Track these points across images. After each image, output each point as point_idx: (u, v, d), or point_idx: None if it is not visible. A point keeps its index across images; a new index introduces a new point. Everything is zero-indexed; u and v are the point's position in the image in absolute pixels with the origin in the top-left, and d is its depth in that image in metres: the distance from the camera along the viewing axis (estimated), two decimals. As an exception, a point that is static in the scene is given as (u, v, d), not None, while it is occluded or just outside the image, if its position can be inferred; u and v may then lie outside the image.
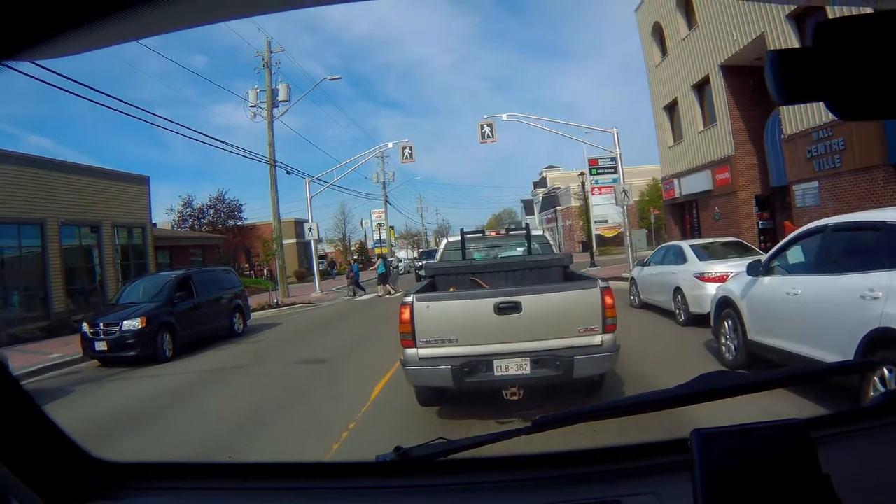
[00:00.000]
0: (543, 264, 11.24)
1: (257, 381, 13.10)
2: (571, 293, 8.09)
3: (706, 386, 1.66)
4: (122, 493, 1.89)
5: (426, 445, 1.85)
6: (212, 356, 17.36)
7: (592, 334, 7.74)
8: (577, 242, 73.23)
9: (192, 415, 10.61)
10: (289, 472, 2.09)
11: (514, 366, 7.76)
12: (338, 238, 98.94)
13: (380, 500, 1.93)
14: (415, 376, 8.10)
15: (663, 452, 1.91)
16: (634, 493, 1.74)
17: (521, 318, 7.73)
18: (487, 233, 13.94)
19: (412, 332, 7.90)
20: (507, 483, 1.91)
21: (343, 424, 8.54)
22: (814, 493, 1.26)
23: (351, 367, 13.15)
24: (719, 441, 1.35)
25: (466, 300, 8.20)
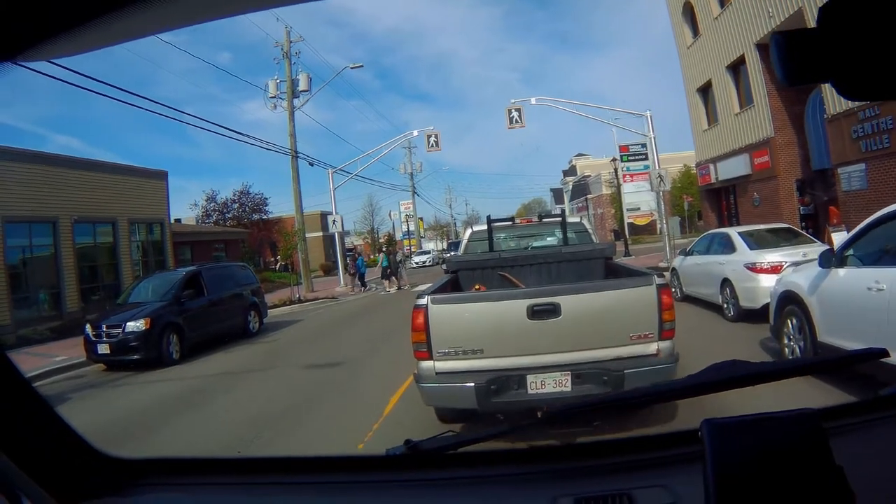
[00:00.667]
0: (583, 256, 9.91)
1: (263, 388, 12.11)
2: (621, 292, 6.68)
3: (719, 376, 1.62)
4: (131, 489, 1.88)
5: (436, 438, 1.86)
6: (220, 359, 16.41)
7: (647, 341, 6.45)
8: (609, 231, 71.36)
9: (187, 427, 9.67)
10: (299, 466, 2.07)
11: (552, 382, 6.45)
12: (366, 230, 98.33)
13: (390, 493, 1.92)
14: (431, 395, 6.85)
15: (672, 444, 1.91)
16: (644, 485, 1.72)
17: (561, 324, 6.42)
18: (518, 220, 12.33)
19: (427, 341, 6.62)
20: (517, 476, 1.91)
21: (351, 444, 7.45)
22: (827, 484, 1.22)
23: (366, 374, 12.09)
24: (731, 431, 1.30)
25: (493, 302, 6.83)
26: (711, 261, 15.24)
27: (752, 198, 29.14)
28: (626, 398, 1.86)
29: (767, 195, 27.81)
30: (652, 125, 29.79)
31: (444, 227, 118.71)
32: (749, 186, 29.52)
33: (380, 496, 1.90)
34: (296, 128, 36.47)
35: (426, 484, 1.93)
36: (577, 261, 9.86)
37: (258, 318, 21.09)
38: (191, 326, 17.06)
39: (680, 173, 64.81)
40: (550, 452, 2.03)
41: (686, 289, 17.24)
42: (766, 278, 12.34)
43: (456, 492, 1.89)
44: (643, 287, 6.58)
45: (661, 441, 1.95)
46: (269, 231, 60.94)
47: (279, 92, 36.74)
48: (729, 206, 33.43)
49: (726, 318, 14.00)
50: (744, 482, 1.23)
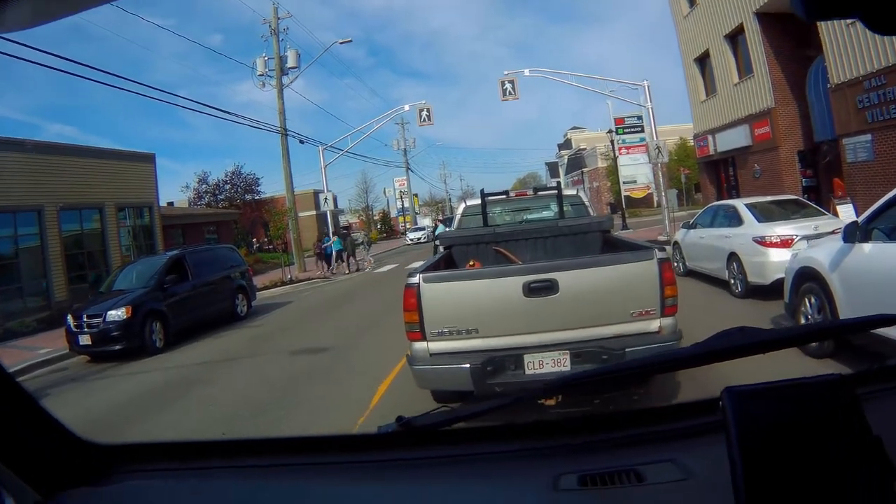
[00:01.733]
0: (580, 229, 9.51)
1: (244, 379, 11.49)
2: (621, 267, 6.36)
3: (727, 343, 1.52)
4: (116, 476, 1.80)
5: (429, 415, 1.80)
6: (206, 346, 15.82)
7: (649, 318, 6.17)
8: (605, 204, 70.67)
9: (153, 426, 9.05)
10: (288, 446, 2.01)
11: (551, 361, 6.17)
12: (361, 208, 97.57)
13: (382, 473, 1.83)
14: (424, 378, 6.52)
15: (679, 417, 1.86)
16: (651, 460, 1.64)
17: (558, 301, 6.15)
18: (512, 194, 11.76)
19: (420, 321, 6.34)
20: (517, 452, 1.83)
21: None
22: (864, 457, 1.11)
23: (353, 360, 11.53)
24: (755, 399, 1.21)
25: (488, 279, 6.49)
26: (717, 234, 14.58)
27: (752, 169, 28.48)
28: (629, 368, 1.70)
29: (768, 167, 27.14)
30: (650, 95, 28.97)
31: (439, 203, 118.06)
32: (749, 158, 28.84)
33: (371, 476, 1.82)
34: (288, 106, 35.75)
35: (420, 463, 1.85)
36: (575, 234, 9.50)
37: (246, 302, 20.40)
38: (175, 313, 16.40)
39: (676, 146, 64.12)
40: (551, 427, 1.92)
41: (690, 263, 16.62)
42: (776, 252, 11.91)
43: (452, 470, 1.81)
44: (644, 261, 6.31)
45: (668, 413, 1.90)
46: (262, 211, 60.02)
47: (267, 70, 35.94)
48: (728, 178, 32.82)
49: (733, 294, 13.40)
50: (771, 454, 1.13)
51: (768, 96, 26.61)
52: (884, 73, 19.15)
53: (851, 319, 1.91)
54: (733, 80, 29.65)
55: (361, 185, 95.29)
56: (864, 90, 20.11)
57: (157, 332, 15.64)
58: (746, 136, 28.44)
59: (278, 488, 1.81)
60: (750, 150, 28.52)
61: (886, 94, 19.26)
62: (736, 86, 29.43)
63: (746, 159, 29.12)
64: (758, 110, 27.51)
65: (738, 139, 29.22)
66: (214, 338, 16.77)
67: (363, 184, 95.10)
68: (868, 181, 20.23)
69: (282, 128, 35.06)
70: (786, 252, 11.03)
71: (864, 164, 20.59)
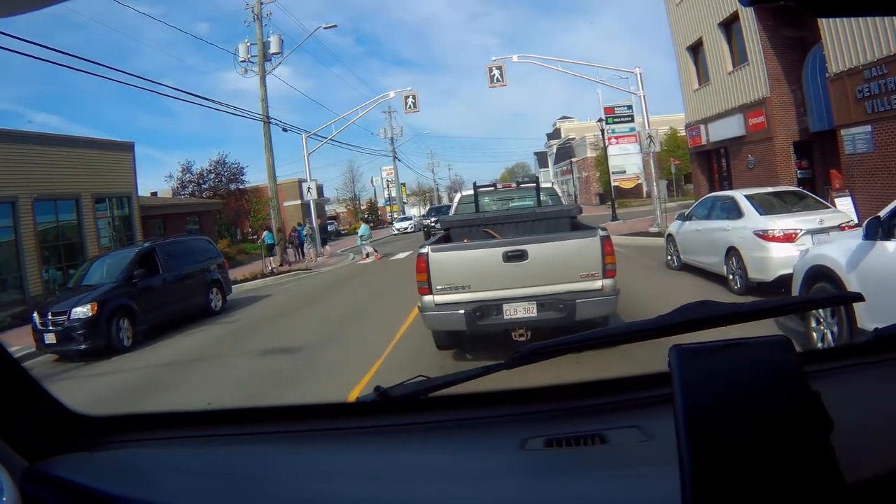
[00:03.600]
0: (552, 215, 11.54)
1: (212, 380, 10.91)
2: (574, 241, 8.64)
3: (688, 316, 1.56)
4: (103, 446, 1.85)
5: (406, 384, 1.85)
6: (175, 344, 15.05)
7: (593, 279, 8.27)
8: (594, 195, 69.65)
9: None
10: (270, 415, 2.10)
11: (522, 309, 8.32)
12: (348, 197, 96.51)
13: (360, 439, 1.92)
14: (431, 321, 8.70)
15: (644, 386, 1.91)
16: (616, 426, 1.75)
17: (528, 266, 8.27)
18: (499, 186, 14.52)
19: (428, 280, 8.45)
20: (489, 419, 1.92)
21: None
22: (804, 409, 1.15)
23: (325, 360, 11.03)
24: (700, 356, 1.25)
25: (477, 250, 8.80)
26: (714, 227, 13.83)
27: (746, 160, 27.75)
28: (592, 339, 1.67)
29: (763, 157, 26.41)
30: (642, 82, 28.09)
31: (427, 193, 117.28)
32: (743, 148, 28.10)
33: (350, 442, 1.90)
34: (274, 95, 34.77)
35: (396, 429, 1.92)
36: (548, 219, 11.40)
37: (221, 296, 19.47)
38: (144, 309, 15.56)
39: (666, 136, 63.50)
40: (521, 395, 1.99)
41: (684, 257, 15.87)
42: (779, 247, 11.37)
43: (426, 436, 1.90)
44: (590, 238, 8.50)
45: (634, 383, 1.95)
46: (247, 201, 58.85)
47: (250, 56, 34.98)
48: (720, 168, 32.18)
49: (732, 290, 12.68)
50: (715, 408, 1.16)
51: (763, 85, 25.84)
52: (885, 62, 18.42)
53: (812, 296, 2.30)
54: (727, 69, 28.86)
55: (348, 174, 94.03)
56: (864, 80, 19.37)
57: (124, 329, 14.81)
58: (740, 125, 27.67)
59: (265, 454, 1.85)
60: (744, 140, 27.76)
61: (887, 84, 18.52)
62: (730, 74, 28.65)
63: (740, 150, 28.38)
64: (752, 100, 26.74)
65: (731, 129, 28.44)
66: (185, 335, 15.99)
67: (350, 173, 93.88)
68: (867, 173, 19.59)
69: (264, 115, 34.17)
70: (790, 247, 11.18)
71: (862, 156, 19.86)
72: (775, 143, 25.52)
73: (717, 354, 1.22)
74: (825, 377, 1.74)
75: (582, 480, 1.57)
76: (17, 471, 1.52)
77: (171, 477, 1.76)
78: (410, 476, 1.72)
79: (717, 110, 29.99)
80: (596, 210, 60.09)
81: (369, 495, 1.60)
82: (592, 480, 1.57)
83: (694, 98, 32.86)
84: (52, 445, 1.68)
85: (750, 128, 27.08)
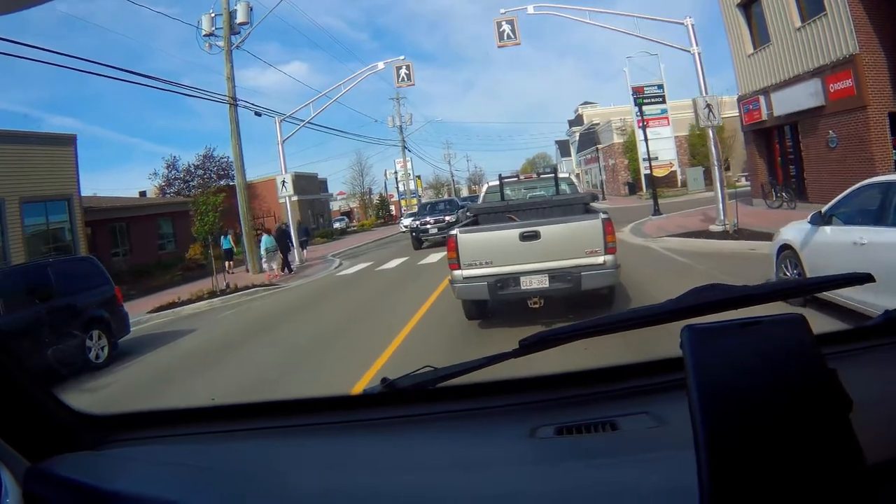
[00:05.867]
0: (567, 202, 12.68)
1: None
2: (579, 223, 10.08)
3: (699, 299, 1.53)
4: (108, 444, 1.84)
5: (413, 375, 1.85)
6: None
7: (596, 255, 9.68)
8: (623, 184, 62.96)
9: None
10: (276, 409, 2.05)
11: (536, 281, 9.80)
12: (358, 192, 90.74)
13: (369, 432, 1.87)
14: (460, 291, 10.26)
15: (654, 372, 1.90)
16: (627, 412, 1.72)
17: (541, 244, 9.75)
18: (521, 177, 16.96)
19: (457, 257, 10.04)
20: (498, 408, 1.88)
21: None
22: (821, 388, 1.12)
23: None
24: (712, 335, 1.20)
25: (497, 231, 10.40)
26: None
27: (825, 137, 21.79)
28: (603, 325, 1.62)
29: (850, 133, 20.51)
30: (695, 35, 21.72)
31: (445, 185, 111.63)
32: (820, 122, 22.15)
33: (358, 435, 1.87)
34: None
35: (405, 421, 1.90)
36: (563, 205, 12.53)
37: (107, 341, 13.38)
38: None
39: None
40: (530, 383, 1.94)
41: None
42: None
43: (435, 427, 1.86)
44: (594, 220, 10.02)
45: (643, 369, 1.94)
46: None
47: (215, 27, 29.51)
48: (784, 149, 26.37)
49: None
50: (730, 388, 1.12)
51: (849, 40, 19.92)
52: None
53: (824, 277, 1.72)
54: (794, 24, 22.92)
55: (356, 166, 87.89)
56: None
57: None
58: (817, 93, 21.80)
59: (272, 449, 1.84)
60: (823, 111, 21.85)
61: None
62: (799, 30, 22.72)
63: (816, 124, 22.44)
64: (834, 59, 20.83)
65: (803, 98, 22.55)
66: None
67: (358, 165, 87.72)
68: None
69: (230, 96, 28.63)
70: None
71: None
72: (868, 114, 19.62)
73: (731, 334, 1.19)
74: (837, 359, 1.48)
75: (593, 467, 1.54)
76: (19, 471, 1.50)
77: (177, 473, 1.70)
78: (420, 467, 1.67)
79: (781, 76, 24.21)
80: (626, 201, 53.76)
81: (379, 487, 1.55)
82: (604, 467, 1.53)
83: (748, 65, 27.06)
84: (54, 445, 1.64)
85: (831, 95, 21.20)
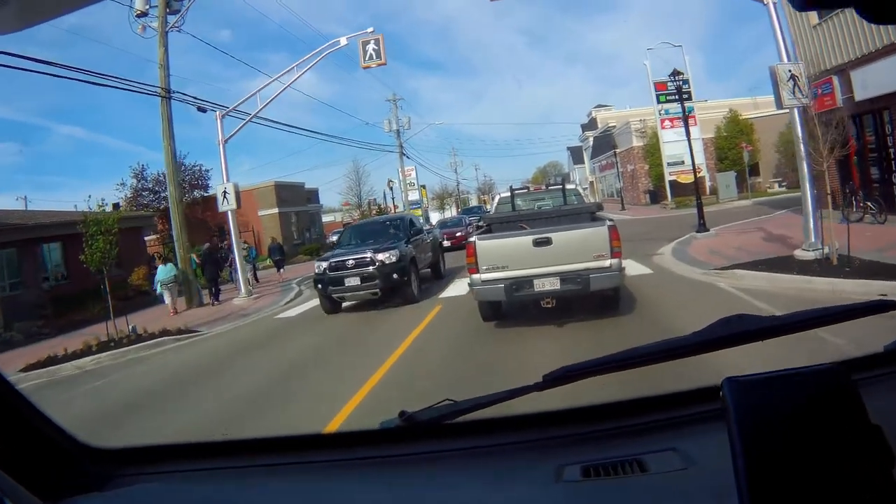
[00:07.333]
0: (574, 211, 13.51)
1: None
2: (588, 230, 11.08)
3: (727, 331, 1.53)
4: (117, 480, 1.79)
5: (432, 409, 1.77)
6: None
7: (603, 259, 10.58)
8: (643, 192, 56.43)
9: None
10: (291, 445, 2.01)
11: (548, 283, 10.75)
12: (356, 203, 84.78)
13: (387, 469, 1.81)
14: (479, 293, 11.27)
15: (680, 405, 1.86)
16: (654, 449, 1.65)
17: (552, 249, 10.68)
18: (531, 188, 18.18)
19: (476, 262, 10.98)
20: (519, 444, 1.82)
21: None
22: (864, 444, 1.10)
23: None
24: (755, 389, 1.19)
25: (512, 238, 11.35)
26: None
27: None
28: (628, 358, 1.59)
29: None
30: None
31: (451, 195, 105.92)
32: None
33: (375, 472, 1.81)
34: (170, 60, 23.63)
35: (424, 457, 1.84)
36: (571, 215, 13.33)
37: None
38: None
39: (726, 119, 52.14)
40: (553, 418, 1.89)
41: None
42: None
43: (456, 464, 1.80)
44: (601, 227, 10.94)
45: (668, 401, 1.89)
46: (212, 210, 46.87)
47: (149, 6, 23.97)
48: (863, 143, 20.48)
49: None
50: (772, 442, 1.11)
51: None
52: None
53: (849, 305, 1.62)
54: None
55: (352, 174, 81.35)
56: None
57: None
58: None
59: (287, 487, 1.79)
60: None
61: None
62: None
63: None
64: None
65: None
66: None
67: (355, 174, 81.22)
68: None
69: (162, 87, 23.04)
70: None
71: None
72: None
73: (773, 386, 1.18)
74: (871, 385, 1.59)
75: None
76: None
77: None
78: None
79: (865, 49, 18.59)
80: (649, 211, 47.47)
81: None
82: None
83: (814, 38, 21.28)
84: (63, 481, 1.61)
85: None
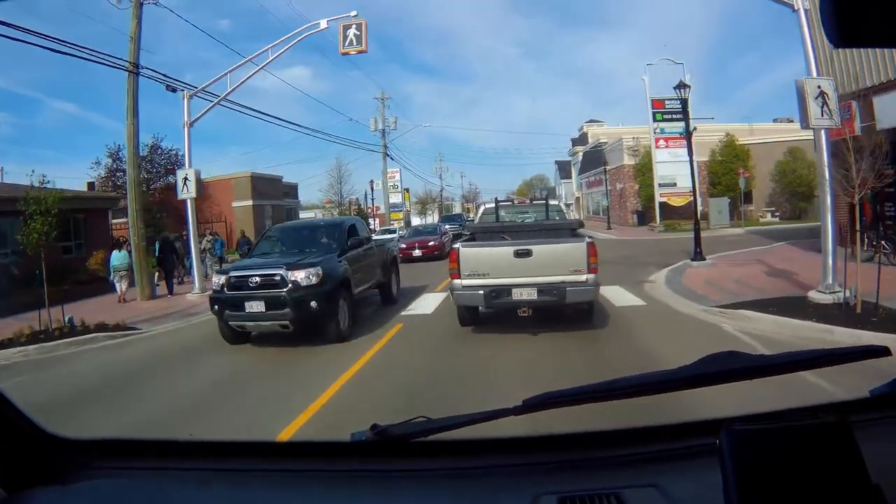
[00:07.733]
0: (555, 227, 14.15)
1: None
2: (567, 245, 11.75)
3: (714, 367, 1.53)
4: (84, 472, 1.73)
5: (406, 424, 1.72)
6: None
7: (580, 273, 11.25)
8: (631, 213, 55.20)
9: None
10: (259, 451, 1.97)
11: (526, 293, 11.35)
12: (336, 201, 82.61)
13: (356, 483, 1.76)
14: (459, 297, 11.90)
15: (662, 438, 1.81)
16: (632, 484, 1.60)
17: (532, 260, 11.31)
18: (516, 201, 20.19)
19: (458, 268, 11.59)
20: (495, 468, 1.77)
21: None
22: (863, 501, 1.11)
23: None
24: (753, 442, 1.18)
25: (494, 247, 11.94)
26: None
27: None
28: (612, 389, 1.59)
29: None
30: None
31: (435, 201, 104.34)
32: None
33: (345, 486, 1.75)
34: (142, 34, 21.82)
35: (395, 475, 1.76)
36: (552, 229, 13.90)
37: None
38: None
39: (721, 144, 50.78)
40: (530, 443, 1.86)
41: None
42: None
43: (428, 484, 1.74)
44: (580, 243, 11.60)
45: (651, 434, 1.84)
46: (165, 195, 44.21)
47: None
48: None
49: None
50: (769, 497, 1.11)
51: None
52: None
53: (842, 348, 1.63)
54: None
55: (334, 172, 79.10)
56: None
57: None
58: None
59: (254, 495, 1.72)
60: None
61: None
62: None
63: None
64: None
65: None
66: None
67: (336, 172, 78.93)
68: None
69: (130, 61, 21.23)
70: None
71: None
72: None
73: (772, 439, 1.16)
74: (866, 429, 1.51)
75: None
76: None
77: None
78: None
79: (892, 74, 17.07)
80: (636, 232, 45.69)
81: None
82: None
83: (834, 59, 19.71)
84: (28, 472, 1.59)
85: None
